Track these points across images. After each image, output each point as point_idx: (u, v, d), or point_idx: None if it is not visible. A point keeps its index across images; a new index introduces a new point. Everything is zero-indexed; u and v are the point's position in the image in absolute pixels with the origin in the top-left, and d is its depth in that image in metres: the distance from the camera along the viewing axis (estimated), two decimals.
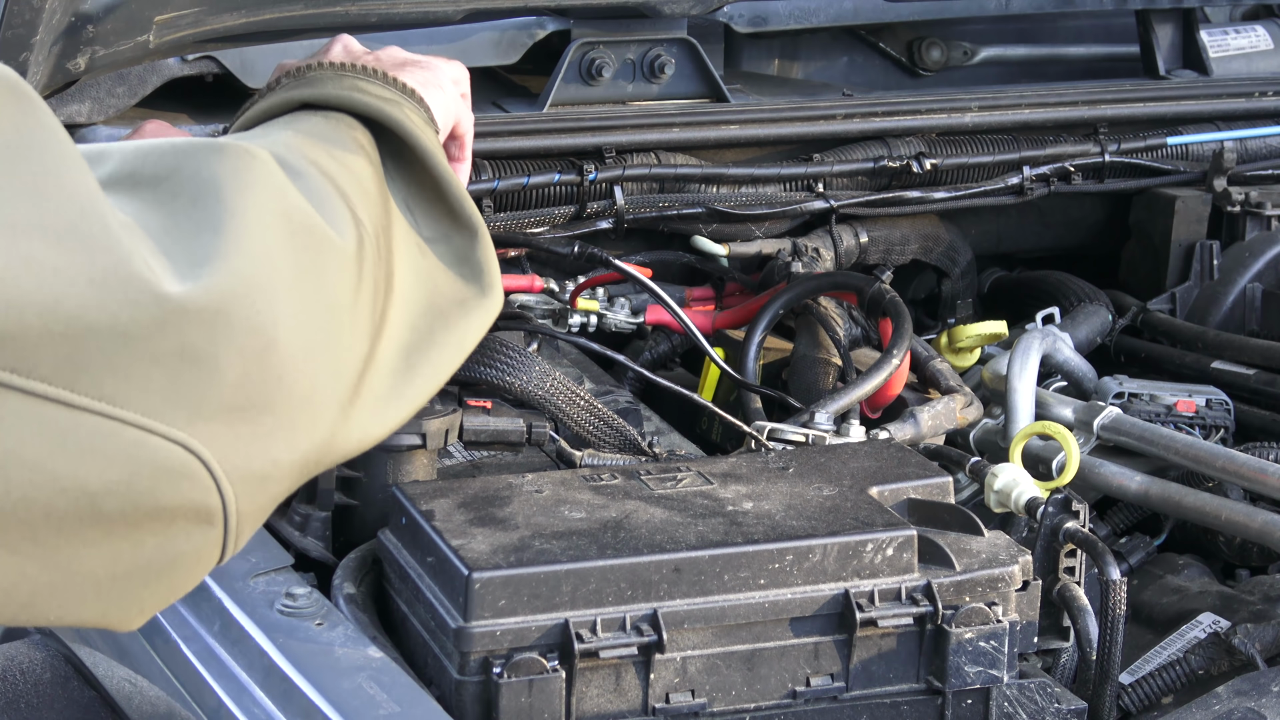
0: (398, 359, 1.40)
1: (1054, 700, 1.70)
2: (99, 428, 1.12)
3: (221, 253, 1.17)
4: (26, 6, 1.75)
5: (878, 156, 2.67)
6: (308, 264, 1.25)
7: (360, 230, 1.34)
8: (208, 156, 1.24)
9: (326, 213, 1.32)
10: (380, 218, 1.44)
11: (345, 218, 1.34)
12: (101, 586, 1.17)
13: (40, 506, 1.10)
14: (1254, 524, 2.04)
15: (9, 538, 1.10)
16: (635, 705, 1.61)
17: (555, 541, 1.61)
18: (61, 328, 1.09)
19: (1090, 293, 2.72)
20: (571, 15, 2.59)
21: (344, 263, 1.29)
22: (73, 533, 1.13)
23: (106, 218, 1.13)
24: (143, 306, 1.12)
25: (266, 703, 1.55)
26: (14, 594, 1.13)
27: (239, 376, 1.16)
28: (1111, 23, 3.15)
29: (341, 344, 1.27)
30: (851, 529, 1.66)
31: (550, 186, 2.51)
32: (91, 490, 1.12)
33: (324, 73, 1.61)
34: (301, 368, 1.20)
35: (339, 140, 1.49)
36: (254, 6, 2.05)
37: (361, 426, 1.32)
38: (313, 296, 1.24)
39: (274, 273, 1.20)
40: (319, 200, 1.32)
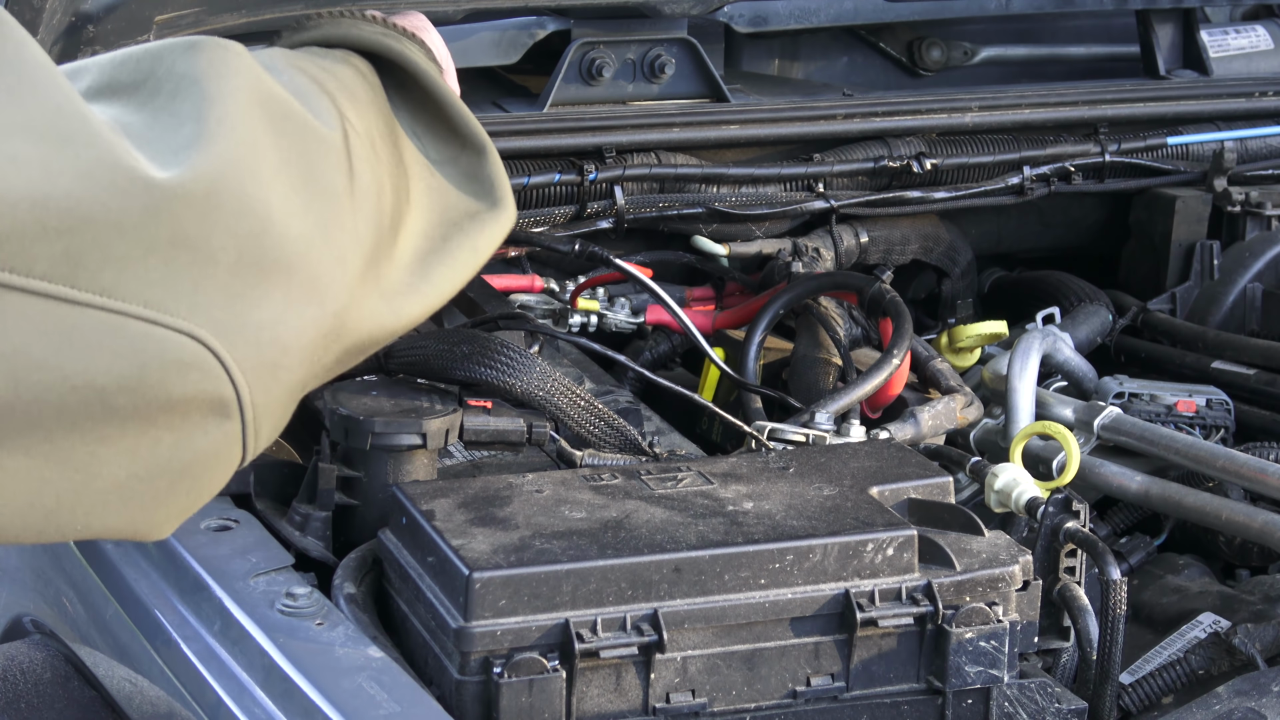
0: (413, 259, 1.42)
1: (1054, 700, 1.70)
2: (103, 322, 1.11)
3: (205, 136, 1.17)
4: (26, 6, 1.75)
5: (878, 156, 2.68)
6: (292, 148, 1.24)
7: (345, 124, 1.35)
8: (183, 53, 1.24)
9: (308, 103, 1.32)
10: (380, 127, 1.46)
11: (328, 110, 1.34)
12: (124, 489, 1.16)
13: (52, 406, 1.09)
14: (1254, 524, 2.04)
15: (25, 441, 1.09)
16: (636, 705, 1.61)
17: (555, 541, 1.61)
18: (55, 222, 1.08)
19: (1090, 293, 2.72)
20: (571, 15, 2.59)
21: (330, 150, 1.30)
22: (88, 431, 1.12)
23: (87, 115, 1.13)
24: (133, 195, 1.11)
25: (267, 703, 1.55)
26: (37, 502, 1.12)
27: (235, 259, 1.15)
28: (1111, 23, 3.15)
29: (341, 227, 1.26)
30: (852, 529, 1.66)
31: (550, 186, 2.51)
32: (101, 386, 1.11)
33: (321, 20, 1.63)
34: (299, 248, 1.19)
35: (330, 59, 1.51)
36: (254, 6, 2.05)
37: (375, 312, 1.32)
38: (302, 180, 1.24)
39: (259, 155, 1.20)
40: (299, 92, 1.33)
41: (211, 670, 1.61)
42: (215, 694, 1.60)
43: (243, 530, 1.75)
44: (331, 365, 1.29)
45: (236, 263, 1.15)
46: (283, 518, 1.83)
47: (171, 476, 1.17)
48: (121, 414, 1.13)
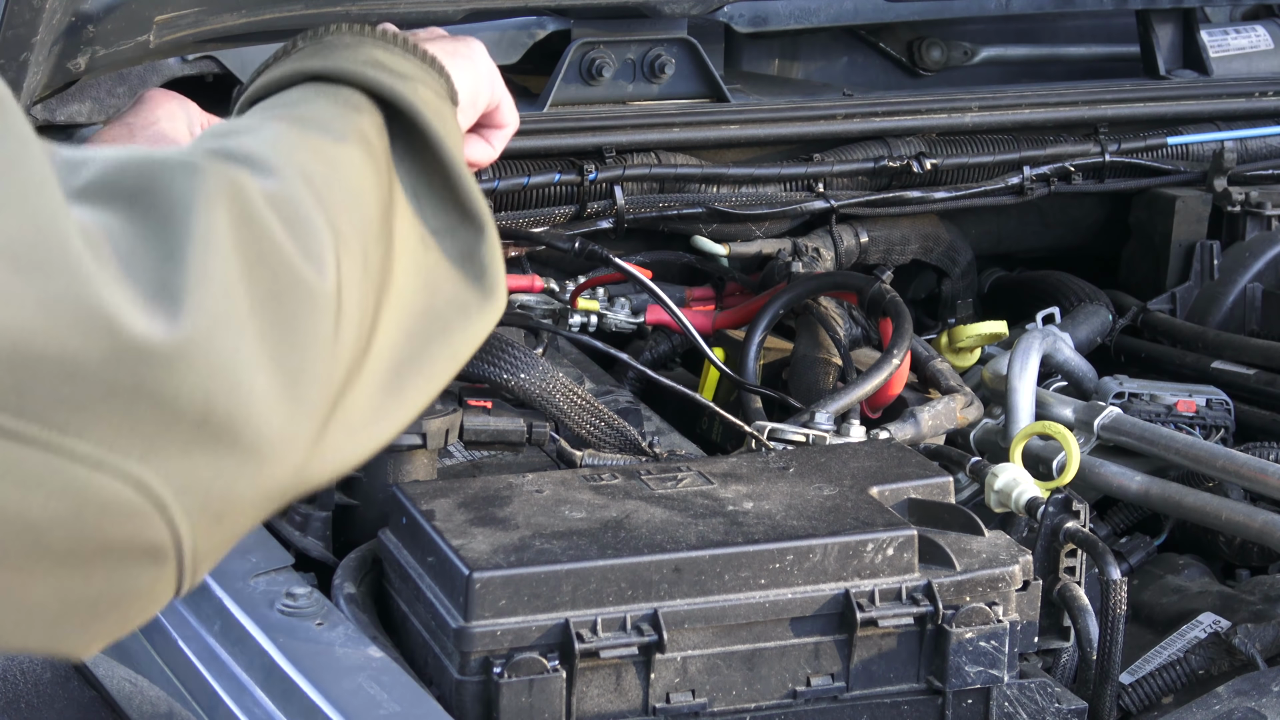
0: (387, 374, 1.33)
1: (1054, 700, 1.70)
2: (45, 460, 1.07)
3: (186, 288, 1.12)
4: (26, 6, 1.75)
5: (878, 156, 2.68)
6: (276, 303, 1.18)
7: (340, 265, 1.26)
8: (185, 176, 1.18)
9: (306, 243, 1.24)
10: (377, 216, 1.38)
11: (327, 247, 1.26)
12: (50, 617, 1.13)
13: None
14: (1254, 524, 2.04)
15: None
16: (636, 705, 1.61)
17: (555, 541, 1.61)
18: (8, 353, 1.04)
19: (1090, 293, 2.72)
20: (571, 15, 2.59)
21: (316, 302, 1.22)
22: (17, 565, 1.09)
23: (68, 240, 1.08)
24: (96, 338, 1.07)
25: (266, 703, 1.55)
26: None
27: (200, 416, 1.11)
28: (1111, 23, 3.15)
29: (316, 379, 1.19)
30: (852, 529, 1.66)
31: (550, 186, 2.51)
32: (35, 523, 1.08)
33: (340, 37, 1.55)
34: (268, 407, 1.14)
35: (340, 132, 1.43)
36: (254, 6, 2.05)
37: (338, 453, 1.24)
38: (279, 336, 1.16)
39: (237, 315, 1.14)
40: (300, 229, 1.24)
41: (211, 670, 1.61)
42: (215, 694, 1.60)
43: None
44: (280, 507, 1.26)
45: (198, 421, 1.11)
46: (283, 518, 1.83)
47: (100, 610, 1.15)
48: (54, 552, 1.10)
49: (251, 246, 1.18)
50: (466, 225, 1.48)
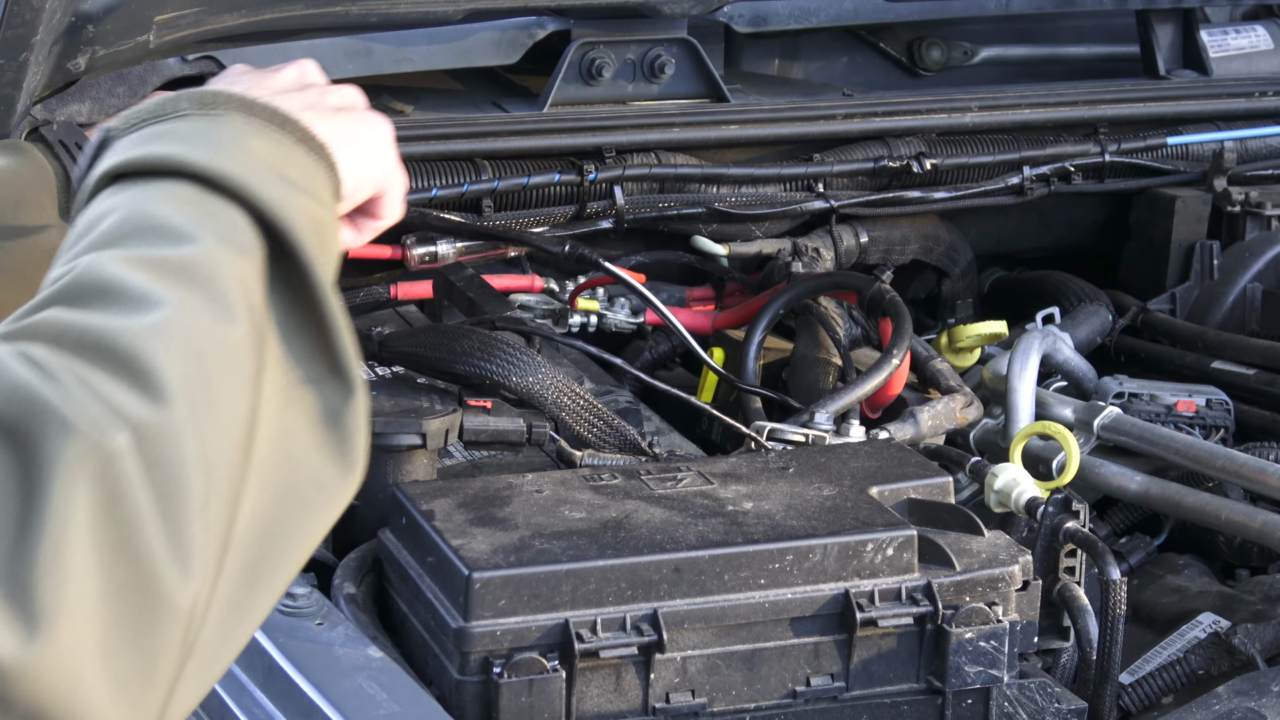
0: (236, 595, 1.20)
1: (1054, 700, 1.70)
2: None
3: (40, 604, 1.05)
4: (26, 6, 1.75)
5: (878, 156, 2.68)
6: (129, 615, 1.10)
7: (205, 552, 1.14)
8: (55, 434, 1.07)
9: (177, 528, 1.12)
10: (246, 416, 1.20)
11: (195, 531, 1.13)
12: None
13: None
14: (1254, 524, 2.04)
15: None
16: (635, 705, 1.61)
17: (555, 541, 1.61)
18: None
19: (1090, 293, 2.72)
20: (571, 15, 2.59)
21: (176, 614, 1.11)
22: None
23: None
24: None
25: (266, 703, 1.54)
26: None
27: (30, 716, 1.06)
28: (1111, 23, 3.15)
29: (158, 682, 1.12)
30: (852, 529, 1.66)
31: (550, 186, 2.51)
32: None
33: (229, 116, 1.33)
34: (101, 713, 1.08)
35: (232, 306, 1.21)
36: (254, 6, 2.05)
37: (177, 710, 1.16)
38: (128, 650, 1.10)
39: (88, 628, 1.07)
40: (172, 504, 1.12)
41: None
42: (215, 694, 1.60)
43: None
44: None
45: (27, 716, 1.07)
46: None
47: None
48: None
49: (112, 540, 1.08)
50: (335, 380, 1.30)
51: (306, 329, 1.28)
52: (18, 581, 1.05)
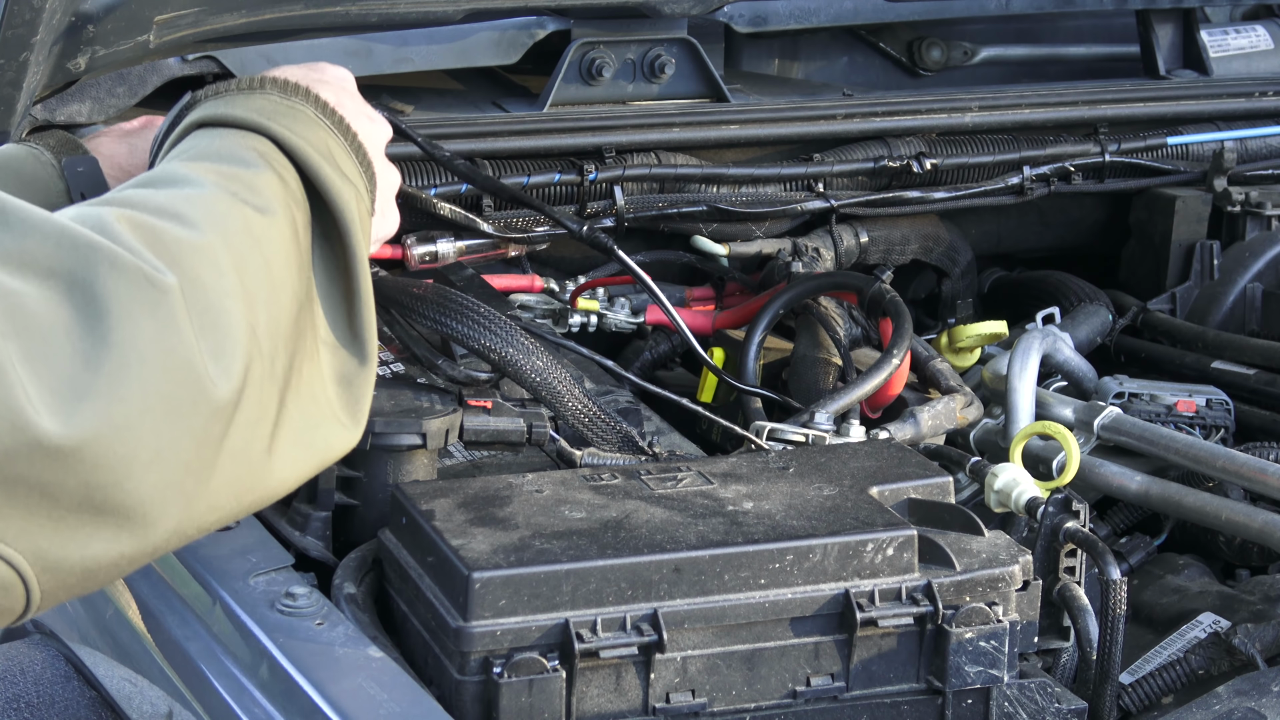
0: (273, 467, 1.36)
1: (1054, 700, 1.70)
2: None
3: (93, 394, 1.16)
4: (26, 6, 1.75)
5: (878, 156, 2.68)
6: (174, 408, 1.22)
7: (248, 372, 1.29)
8: (107, 271, 1.22)
9: (219, 346, 1.27)
10: (291, 316, 1.37)
11: (237, 352, 1.28)
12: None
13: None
14: (1254, 524, 2.04)
15: None
16: (635, 705, 1.61)
17: (555, 541, 1.61)
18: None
19: (1090, 293, 2.72)
20: (571, 15, 2.59)
21: (216, 408, 1.26)
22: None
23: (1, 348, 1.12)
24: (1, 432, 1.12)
25: (266, 703, 1.55)
26: None
27: (77, 502, 1.16)
28: (1111, 23, 3.15)
29: (196, 473, 1.24)
30: (852, 529, 1.66)
31: (550, 186, 2.51)
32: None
33: (303, 109, 1.52)
34: (144, 496, 1.19)
35: (272, 208, 1.41)
36: (254, 6, 2.05)
37: (199, 522, 1.29)
38: (171, 438, 1.21)
39: (136, 418, 1.18)
40: (215, 330, 1.27)
41: (211, 670, 1.61)
42: (215, 694, 1.60)
43: (243, 530, 1.75)
44: (141, 566, 1.31)
45: (77, 505, 1.17)
46: (283, 517, 1.83)
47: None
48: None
49: (163, 356, 1.22)
50: (354, 349, 1.48)
51: (338, 297, 1.46)
52: (81, 389, 1.16)
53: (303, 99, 1.54)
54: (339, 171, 1.49)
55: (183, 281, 1.25)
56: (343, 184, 1.48)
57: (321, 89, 1.58)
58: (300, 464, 1.40)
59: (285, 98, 1.53)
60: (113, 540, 1.20)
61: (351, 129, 1.55)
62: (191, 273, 1.27)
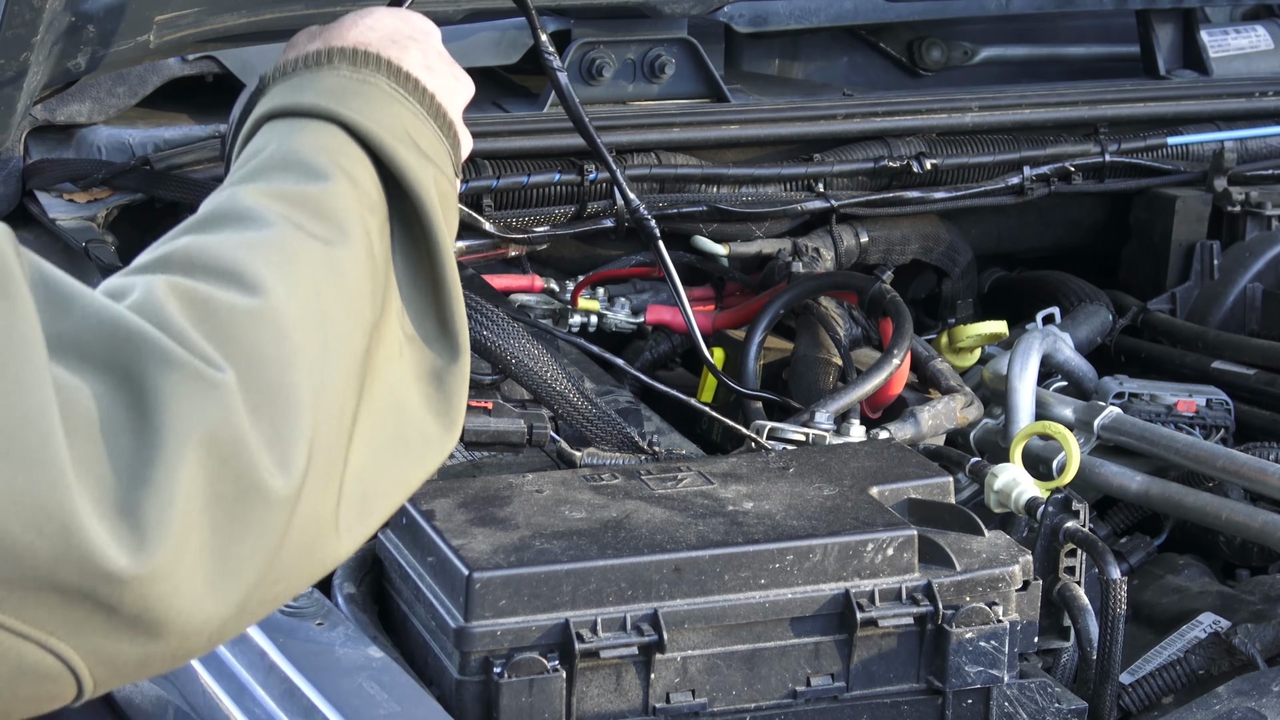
0: (351, 517, 1.27)
1: (1054, 700, 1.70)
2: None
3: (149, 519, 1.13)
4: (26, 6, 1.75)
5: (878, 156, 2.68)
6: (229, 513, 1.17)
7: (311, 452, 1.21)
8: (158, 368, 1.15)
9: (279, 434, 1.19)
10: (361, 346, 1.28)
11: (301, 436, 1.20)
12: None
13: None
14: (1254, 524, 2.04)
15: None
16: (636, 705, 1.61)
17: (555, 541, 1.61)
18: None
19: (1090, 293, 2.72)
20: (571, 15, 2.59)
21: (274, 506, 1.19)
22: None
23: (50, 433, 1.10)
24: (51, 538, 1.09)
25: (267, 702, 1.55)
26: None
27: (133, 618, 1.14)
28: (1111, 23, 3.16)
29: (254, 569, 1.19)
30: (852, 529, 1.66)
31: (550, 186, 2.51)
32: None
33: (376, 80, 1.42)
34: (197, 603, 1.16)
35: (348, 231, 1.31)
36: (254, 6, 2.05)
37: (263, 609, 1.24)
38: (227, 542, 1.17)
39: (191, 535, 1.15)
40: (275, 416, 1.19)
41: (211, 670, 1.61)
42: (215, 694, 1.60)
43: None
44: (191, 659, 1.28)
45: (130, 621, 1.14)
46: None
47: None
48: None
49: (216, 460, 1.16)
50: (444, 341, 1.38)
51: (423, 289, 1.37)
52: (129, 502, 1.12)
53: (374, 68, 1.43)
54: (417, 150, 1.39)
55: (238, 365, 1.18)
56: (421, 166, 1.39)
57: (401, 52, 1.47)
58: (380, 502, 1.30)
59: (355, 70, 1.42)
60: (170, 641, 1.16)
61: (429, 92, 1.44)
62: (249, 349, 1.19)
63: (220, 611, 1.18)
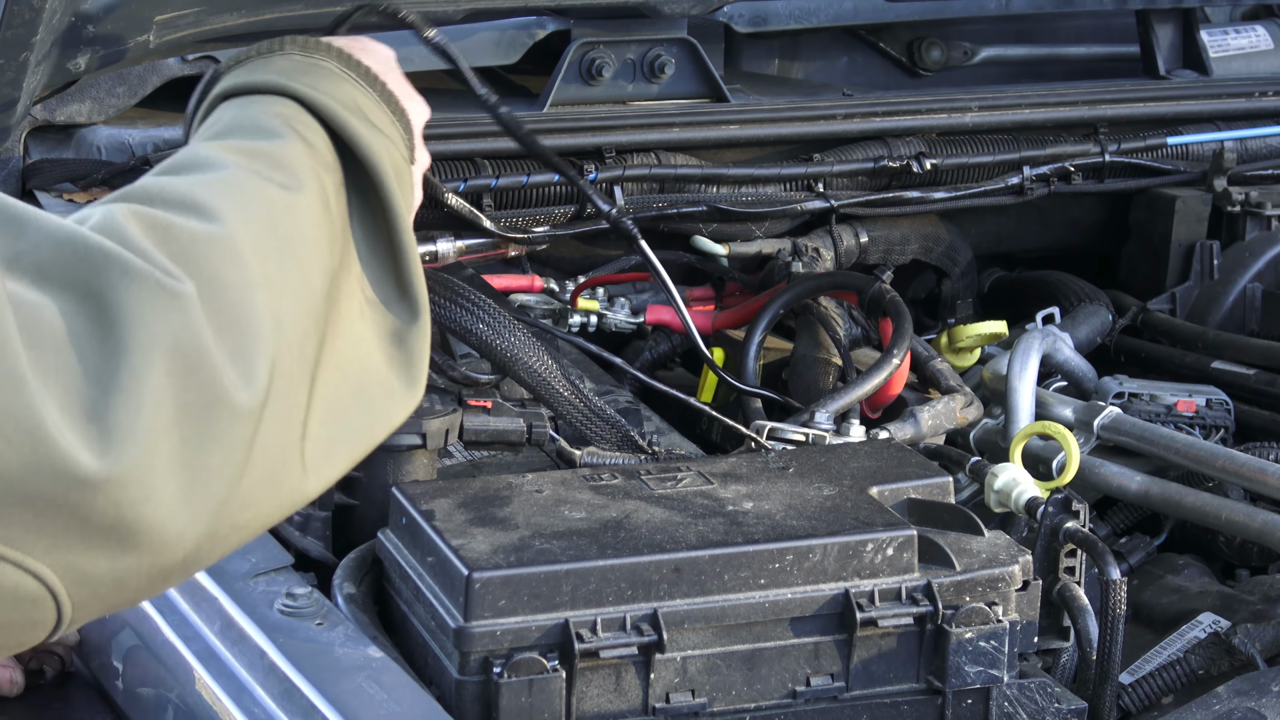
0: (310, 449, 1.30)
1: (1054, 700, 1.70)
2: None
3: (116, 422, 1.15)
4: (26, 6, 1.75)
5: (878, 156, 2.68)
6: (196, 422, 1.19)
7: (273, 369, 1.25)
8: (118, 279, 1.18)
9: (241, 350, 1.23)
10: (322, 289, 1.33)
11: (262, 353, 1.24)
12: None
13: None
14: (1254, 524, 2.04)
15: None
16: (635, 705, 1.61)
17: (555, 541, 1.61)
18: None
19: (1090, 293, 2.72)
20: (571, 15, 2.59)
21: (240, 416, 1.22)
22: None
23: (5, 346, 1.11)
24: (20, 449, 1.11)
25: (267, 702, 1.55)
26: None
27: (107, 526, 1.15)
28: (1111, 23, 3.16)
29: (222, 482, 1.22)
30: (851, 529, 1.66)
31: (550, 186, 2.51)
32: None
33: (326, 61, 1.49)
34: (171, 512, 1.17)
35: (300, 179, 1.37)
36: (254, 6, 2.05)
37: (234, 536, 1.27)
38: (195, 451, 1.19)
39: (160, 442, 1.17)
40: (236, 333, 1.23)
41: (211, 670, 1.61)
42: (215, 694, 1.60)
43: None
44: (171, 585, 1.29)
45: (105, 529, 1.15)
46: None
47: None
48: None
49: (182, 367, 1.19)
50: (403, 304, 1.43)
51: (381, 253, 1.42)
52: (98, 409, 1.15)
53: (324, 54, 1.50)
54: (368, 123, 1.45)
55: (199, 283, 1.22)
56: (373, 136, 1.44)
57: (357, 52, 1.54)
58: (344, 446, 1.35)
59: (306, 55, 1.50)
60: (145, 554, 1.18)
61: (378, 77, 1.51)
62: (209, 270, 1.23)
63: (194, 528, 1.20)
